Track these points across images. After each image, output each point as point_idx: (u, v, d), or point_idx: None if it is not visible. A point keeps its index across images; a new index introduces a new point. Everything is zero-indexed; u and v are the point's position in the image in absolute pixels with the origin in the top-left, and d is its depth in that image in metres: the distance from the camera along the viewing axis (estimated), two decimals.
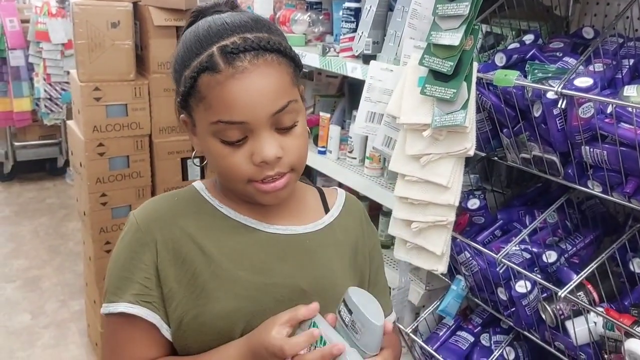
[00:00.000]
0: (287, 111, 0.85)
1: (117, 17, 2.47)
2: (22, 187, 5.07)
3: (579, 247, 1.42)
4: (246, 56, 0.82)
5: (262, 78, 0.83)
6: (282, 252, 0.94)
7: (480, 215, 1.53)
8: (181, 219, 0.92)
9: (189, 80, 0.85)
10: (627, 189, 1.16)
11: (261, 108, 0.83)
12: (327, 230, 1.01)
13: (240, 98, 0.82)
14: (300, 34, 2.14)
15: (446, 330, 1.62)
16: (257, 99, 0.82)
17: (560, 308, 1.29)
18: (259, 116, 0.83)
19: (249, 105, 0.82)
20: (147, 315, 0.89)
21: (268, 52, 0.84)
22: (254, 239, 0.94)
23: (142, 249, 0.90)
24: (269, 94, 0.83)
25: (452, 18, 1.26)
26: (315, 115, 2.24)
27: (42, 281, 3.54)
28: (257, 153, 0.84)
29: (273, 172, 0.86)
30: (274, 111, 0.84)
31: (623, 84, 1.22)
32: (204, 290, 0.89)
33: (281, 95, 0.84)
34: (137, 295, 0.89)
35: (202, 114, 0.86)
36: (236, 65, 0.82)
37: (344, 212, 1.06)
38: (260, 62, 0.83)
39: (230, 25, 0.86)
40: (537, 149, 1.30)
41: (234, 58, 0.82)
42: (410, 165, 1.39)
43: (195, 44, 0.87)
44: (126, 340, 0.90)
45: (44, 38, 4.59)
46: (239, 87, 0.82)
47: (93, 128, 2.49)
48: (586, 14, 1.58)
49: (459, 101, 1.27)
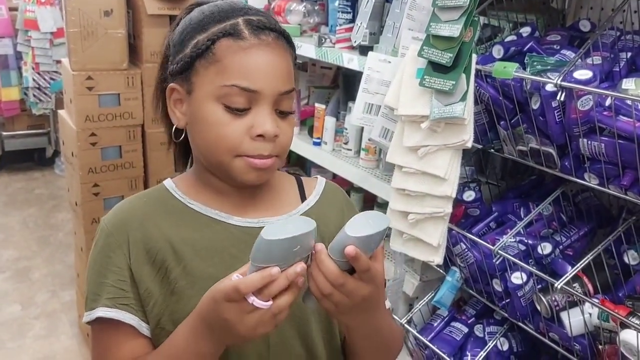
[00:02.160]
0: (290, 96, 0.89)
1: (110, 5, 2.44)
2: (10, 177, 5.01)
3: (574, 239, 1.43)
4: (270, 34, 0.87)
5: (280, 56, 0.87)
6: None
7: (475, 207, 1.54)
8: (151, 219, 0.92)
9: (204, 42, 0.86)
10: (623, 182, 1.17)
11: (275, 83, 0.86)
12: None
13: (262, 68, 0.85)
14: (296, 25, 2.13)
15: (440, 321, 1.63)
16: (273, 71, 0.86)
17: (556, 299, 1.31)
18: (270, 89, 0.86)
19: (267, 77, 0.85)
20: (125, 318, 0.88)
21: (284, 39, 0.89)
22: (225, 233, 0.93)
23: (114, 252, 0.90)
24: (281, 72, 0.87)
25: (452, 9, 1.26)
26: (310, 107, 2.23)
27: (32, 272, 3.51)
28: (259, 125, 0.85)
29: (267, 151, 0.87)
30: (282, 90, 0.87)
31: (620, 77, 1.23)
32: (176, 289, 0.89)
33: (290, 79, 0.89)
34: (113, 299, 0.89)
35: (211, 77, 0.86)
36: (261, 38, 0.86)
37: (322, 201, 1.03)
38: (279, 43, 0.88)
39: (253, 8, 0.91)
40: (534, 141, 1.31)
41: (259, 31, 0.86)
42: (407, 156, 1.40)
43: (217, 13, 0.89)
44: (110, 344, 0.90)
45: (33, 26, 4.53)
46: (260, 56, 0.85)
47: (85, 117, 2.47)
48: (582, 7, 1.59)
49: (457, 93, 1.27)
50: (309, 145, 2.10)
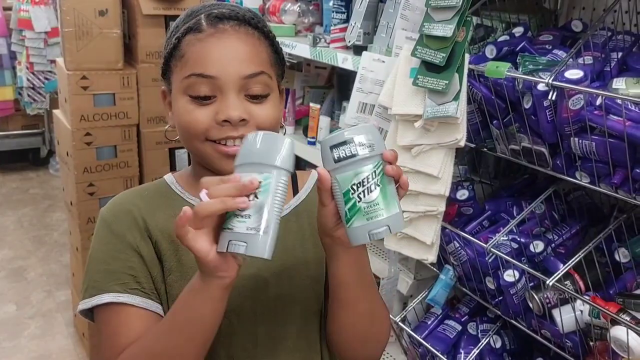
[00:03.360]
0: (258, 80, 0.88)
1: (105, 5, 2.44)
2: (4, 177, 5.00)
3: (565, 237, 1.45)
4: (229, 22, 0.88)
5: (240, 42, 0.88)
6: None
7: (468, 206, 1.55)
8: (151, 211, 0.94)
9: (173, 41, 0.90)
10: (614, 180, 1.18)
11: (233, 67, 0.86)
12: (292, 215, 1.01)
13: (215, 53, 0.87)
14: (290, 25, 2.14)
15: (434, 320, 1.64)
16: (231, 56, 0.87)
17: (548, 297, 1.32)
18: (229, 74, 0.86)
19: (221, 61, 0.86)
20: (137, 302, 0.90)
21: (251, 27, 0.89)
22: None
23: (118, 239, 0.92)
24: (243, 56, 0.87)
25: (445, 9, 1.27)
26: (305, 106, 2.24)
27: (27, 272, 3.51)
28: (222, 111, 0.87)
29: (237, 133, 0.88)
30: (245, 74, 0.87)
31: (611, 76, 1.24)
32: (168, 280, 0.92)
33: (255, 62, 0.88)
34: (123, 284, 0.90)
35: (178, 73, 0.90)
36: (218, 27, 0.88)
37: (312, 194, 1.04)
38: (241, 30, 0.88)
39: (223, 4, 0.93)
40: (526, 140, 1.32)
41: (217, 21, 0.88)
42: (401, 155, 1.40)
43: (188, 14, 0.93)
44: (120, 327, 0.90)
45: (27, 26, 4.52)
46: (215, 44, 0.87)
47: (80, 117, 2.47)
48: (574, 8, 1.60)
49: (450, 92, 1.28)
50: (304, 144, 2.11)
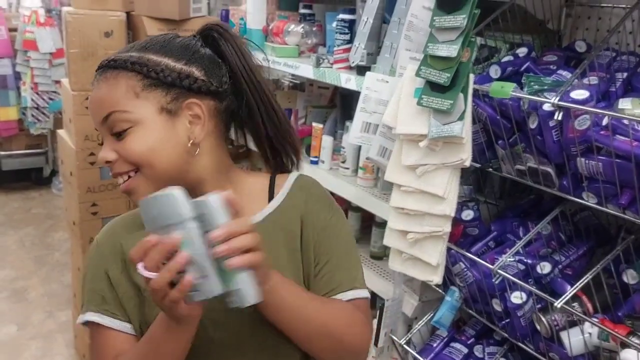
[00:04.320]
0: (111, 120, 0.94)
1: (110, 26, 2.46)
2: (7, 196, 5.00)
3: (573, 258, 1.43)
4: (98, 72, 0.98)
5: (96, 92, 0.97)
6: None
7: (474, 227, 1.54)
8: (132, 233, 1.02)
9: None
10: (622, 201, 1.17)
11: (94, 118, 0.97)
12: (267, 222, 1.02)
13: (89, 107, 0.99)
14: (294, 46, 2.15)
15: (440, 342, 1.62)
16: (91, 110, 0.98)
17: (556, 319, 1.30)
18: (95, 124, 0.97)
19: (91, 112, 0.98)
20: (106, 322, 1.00)
21: (110, 69, 0.96)
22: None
23: (100, 262, 1.02)
24: (96, 106, 0.96)
25: (449, 30, 1.27)
26: (307, 126, 2.24)
27: (28, 292, 3.49)
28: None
29: (114, 171, 0.96)
30: (99, 120, 0.96)
31: (617, 96, 1.24)
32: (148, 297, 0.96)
33: (105, 105, 0.94)
34: (97, 305, 1.00)
35: None
36: (93, 82, 0.99)
37: (287, 200, 1.05)
38: (101, 78, 0.96)
39: (124, 47, 1.01)
40: (532, 160, 1.31)
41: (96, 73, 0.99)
42: (406, 175, 1.40)
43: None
44: (100, 344, 1.01)
45: (32, 47, 4.56)
46: (90, 98, 0.99)
47: (84, 137, 2.47)
48: (578, 28, 1.61)
49: (455, 112, 1.28)
50: (307, 163, 2.10)
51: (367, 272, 1.87)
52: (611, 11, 1.50)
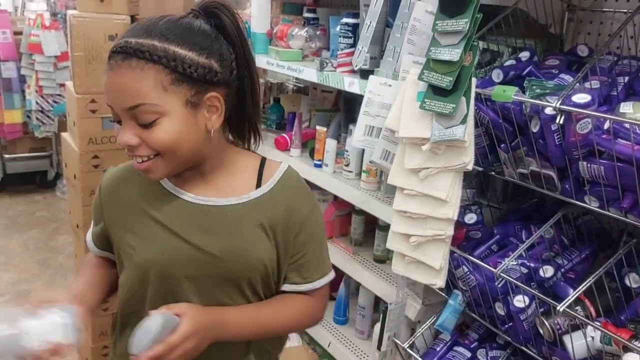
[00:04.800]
0: (139, 111, 0.98)
1: (114, 29, 2.47)
2: (11, 199, 5.02)
3: (575, 262, 1.43)
4: (116, 57, 0.98)
5: (119, 77, 0.97)
6: (202, 219, 1.09)
7: (477, 230, 1.54)
8: (129, 183, 1.15)
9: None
10: (623, 204, 1.17)
11: (114, 102, 0.99)
12: (252, 204, 1.11)
13: (107, 86, 1.00)
14: (298, 49, 2.16)
15: (443, 346, 1.62)
16: (112, 93, 0.99)
17: (558, 323, 1.30)
18: (116, 105, 1.00)
19: (110, 94, 1.00)
20: (95, 252, 1.24)
21: (136, 58, 0.96)
22: (181, 205, 1.10)
23: (98, 201, 1.18)
24: (120, 92, 0.98)
25: (452, 34, 1.28)
26: (311, 129, 2.25)
27: (32, 295, 3.49)
28: (118, 137, 1.02)
29: (133, 153, 1.02)
30: (125, 107, 0.98)
31: (618, 100, 1.24)
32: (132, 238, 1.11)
33: (134, 96, 0.97)
34: (93, 233, 1.22)
35: None
36: (110, 62, 0.99)
37: (277, 189, 1.14)
38: (124, 64, 0.97)
39: (136, 28, 1.01)
40: (534, 164, 1.32)
41: (110, 56, 0.99)
42: (409, 178, 1.40)
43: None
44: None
45: (37, 50, 4.58)
46: (108, 78, 0.99)
47: (88, 140, 2.49)
48: (580, 33, 1.61)
49: (458, 116, 1.28)
50: (310, 167, 2.11)
51: (370, 275, 1.88)
52: (613, 16, 1.50)
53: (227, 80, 1.05)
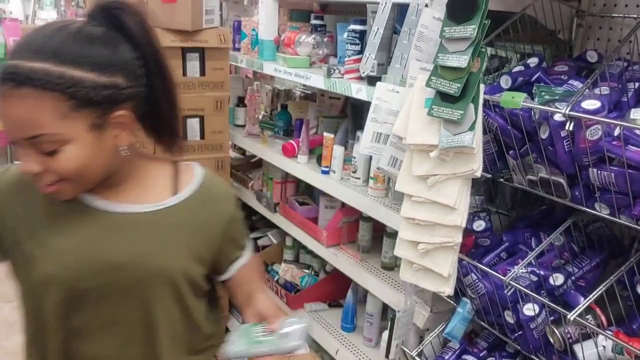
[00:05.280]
0: (39, 141, 0.89)
1: None
2: None
3: (586, 270, 1.42)
4: (7, 84, 0.86)
5: (11, 108, 0.87)
6: (112, 227, 1.03)
7: (485, 237, 1.53)
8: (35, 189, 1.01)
9: None
10: (635, 212, 1.16)
11: (11, 133, 0.91)
12: (168, 211, 1.07)
13: (2, 117, 0.90)
14: (305, 56, 2.16)
15: (452, 354, 1.61)
16: (7, 124, 0.90)
17: (569, 331, 1.29)
18: (12, 135, 0.91)
19: (3, 124, 0.90)
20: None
21: (26, 87, 0.86)
22: (91, 214, 1.03)
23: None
24: (16, 123, 0.89)
25: (459, 40, 1.27)
26: (318, 136, 2.25)
27: None
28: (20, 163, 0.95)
29: (39, 182, 0.95)
30: (23, 137, 0.90)
31: (629, 106, 1.23)
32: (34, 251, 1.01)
33: (30, 127, 0.88)
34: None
35: None
36: (1, 89, 0.87)
37: (197, 194, 1.10)
38: (15, 94, 0.86)
39: (26, 44, 0.90)
40: (543, 170, 1.31)
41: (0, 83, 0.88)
42: (417, 185, 1.40)
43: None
44: None
45: None
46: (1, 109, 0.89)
47: None
48: (589, 38, 1.60)
49: (466, 122, 1.28)
50: (318, 173, 2.11)
51: (378, 282, 1.87)
52: (622, 21, 1.49)
53: (135, 92, 0.96)
